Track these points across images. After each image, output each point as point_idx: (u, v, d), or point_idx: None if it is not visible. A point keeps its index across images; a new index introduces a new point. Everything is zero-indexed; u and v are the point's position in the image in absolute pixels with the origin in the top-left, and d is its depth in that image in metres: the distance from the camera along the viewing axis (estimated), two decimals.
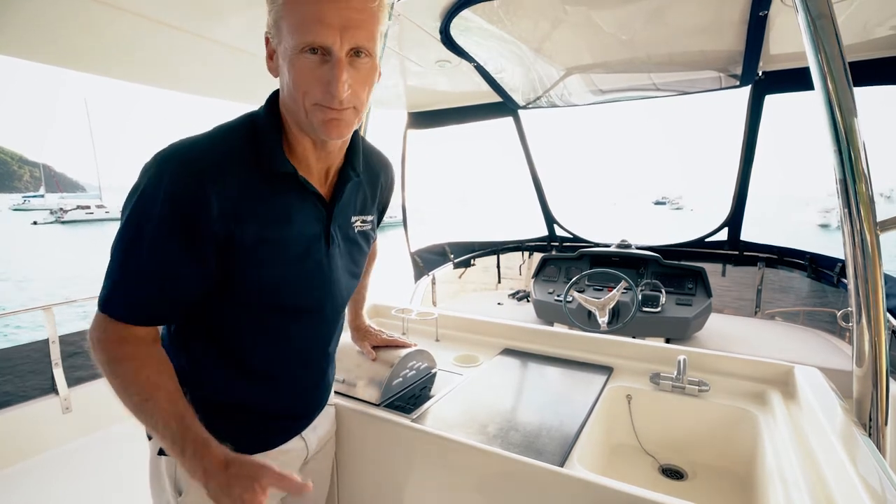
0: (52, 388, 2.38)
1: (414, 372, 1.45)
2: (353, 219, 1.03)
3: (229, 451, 0.80)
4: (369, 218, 1.08)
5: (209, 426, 0.84)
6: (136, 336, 0.85)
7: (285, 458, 1.06)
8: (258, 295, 0.90)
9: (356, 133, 0.96)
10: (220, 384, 0.96)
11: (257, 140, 0.86)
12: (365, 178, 1.05)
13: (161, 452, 0.95)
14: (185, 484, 0.94)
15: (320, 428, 1.18)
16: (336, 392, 1.39)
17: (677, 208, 77.17)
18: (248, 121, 0.88)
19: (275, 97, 0.90)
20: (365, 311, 1.46)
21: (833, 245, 3.52)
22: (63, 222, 41.90)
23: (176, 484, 0.95)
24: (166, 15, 2.05)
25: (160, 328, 0.92)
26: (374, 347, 1.41)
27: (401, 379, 1.39)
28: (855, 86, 1.19)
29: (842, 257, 1.24)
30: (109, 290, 0.83)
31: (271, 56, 0.84)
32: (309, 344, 1.04)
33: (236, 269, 0.86)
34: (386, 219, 1.25)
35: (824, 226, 38.24)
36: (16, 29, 2.04)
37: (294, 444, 1.08)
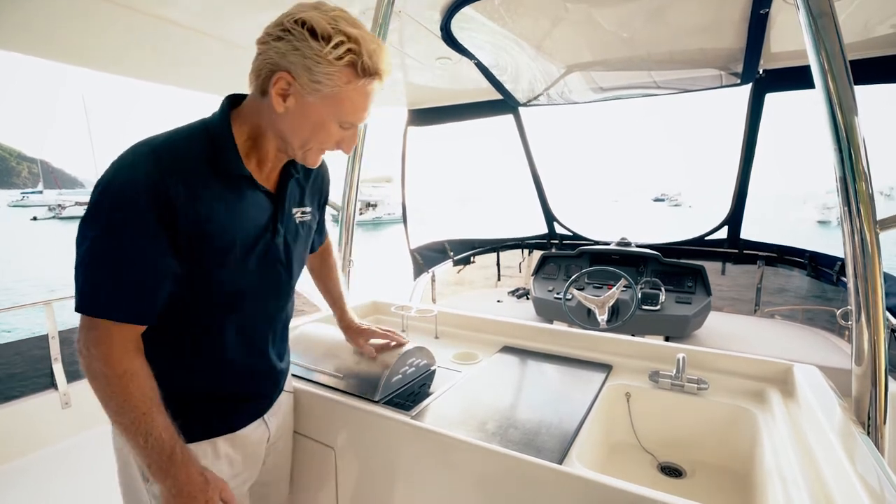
0: (52, 384, 2.38)
1: (413, 369, 1.46)
2: (294, 210, 1.13)
3: (204, 469, 0.93)
4: (308, 209, 1.18)
5: (173, 414, 0.92)
6: (137, 344, 0.90)
7: (250, 440, 1.14)
8: (216, 285, 0.97)
9: None
10: (179, 372, 1.01)
11: (215, 146, 0.94)
12: (301, 175, 1.16)
13: None
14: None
15: (280, 413, 1.25)
16: (335, 389, 1.39)
17: (676, 205, 77.99)
18: (203, 127, 0.96)
19: (227, 107, 0.99)
20: (350, 309, 1.50)
21: (830, 243, 3.52)
22: (61, 218, 42.04)
23: (143, 471, 0.97)
24: (168, 11, 2.05)
25: None
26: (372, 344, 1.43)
27: (400, 376, 1.40)
28: (855, 84, 1.19)
29: (841, 255, 1.25)
30: (105, 293, 0.85)
31: (285, 96, 0.92)
32: (262, 327, 1.12)
33: (198, 261, 0.92)
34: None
35: (823, 222, 38.21)
36: (16, 24, 2.04)
37: (257, 426, 1.16)
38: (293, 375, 1.48)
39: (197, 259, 0.92)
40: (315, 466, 1.43)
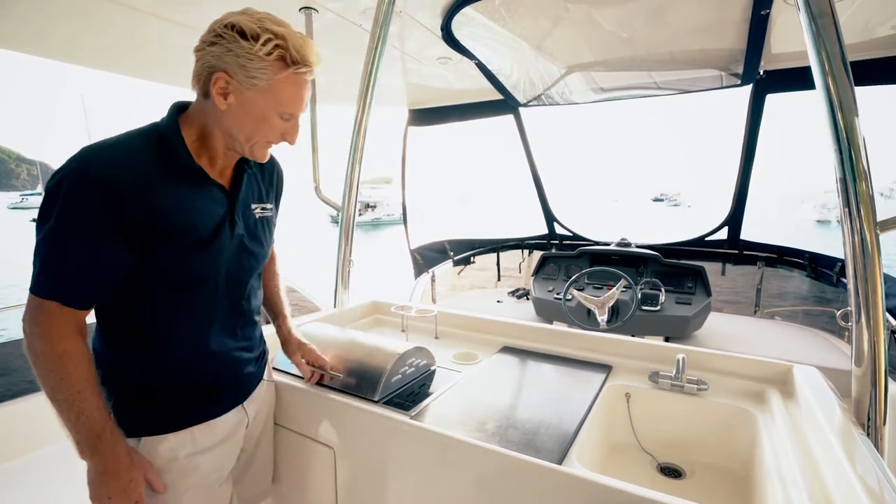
0: None
1: (413, 369, 1.46)
2: (254, 206, 1.19)
3: (132, 450, 1.01)
4: (268, 206, 1.24)
5: (147, 403, 1.04)
6: (79, 327, 0.96)
7: (228, 426, 1.18)
8: (172, 273, 1.02)
9: None
10: (147, 364, 1.06)
11: (165, 145, 1.01)
12: (259, 172, 1.23)
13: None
14: None
15: (258, 400, 1.29)
16: (334, 388, 1.39)
17: (675, 205, 78.84)
18: (153, 129, 1.03)
19: (175, 111, 1.06)
20: (290, 321, 1.46)
21: (829, 243, 3.52)
22: None
23: (75, 449, 1.03)
24: (169, 11, 2.05)
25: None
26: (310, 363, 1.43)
27: (399, 376, 1.39)
28: (856, 85, 1.19)
29: (841, 256, 1.25)
30: (53, 277, 0.92)
31: (225, 94, 0.99)
32: (226, 318, 1.16)
33: (151, 249, 0.97)
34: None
35: (822, 221, 38.20)
36: (14, 22, 2.04)
37: (235, 413, 1.20)
38: (292, 374, 1.48)
39: (150, 247, 0.97)
40: (314, 466, 1.43)
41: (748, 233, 3.74)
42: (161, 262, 1.00)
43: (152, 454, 1.06)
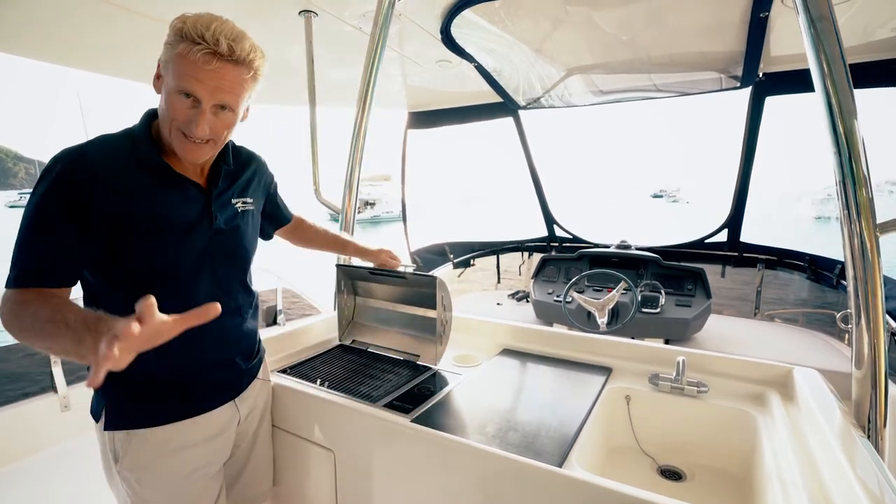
0: (51, 386, 2.37)
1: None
2: (234, 201, 1.22)
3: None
4: (249, 200, 1.27)
5: (133, 397, 1.08)
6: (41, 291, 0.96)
7: (218, 421, 1.21)
8: (145, 263, 1.05)
9: None
10: (136, 359, 1.01)
11: (135, 144, 1.07)
12: (237, 168, 1.26)
13: (106, 427, 1.09)
14: (120, 454, 1.09)
15: (251, 398, 1.32)
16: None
17: (674, 201, 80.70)
18: (127, 132, 1.09)
19: (148, 114, 1.11)
20: (355, 240, 1.72)
21: (822, 240, 3.52)
22: None
23: (115, 454, 1.10)
24: (167, 14, 2.05)
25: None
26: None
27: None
28: (855, 88, 1.19)
29: (841, 258, 1.24)
30: (23, 264, 0.96)
31: (158, 78, 1.05)
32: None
33: (120, 239, 1.02)
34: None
35: (820, 218, 38.23)
36: (12, 25, 2.04)
37: (227, 408, 1.23)
38: (291, 376, 1.47)
39: (119, 239, 1.01)
40: (314, 469, 1.43)
41: (747, 232, 3.75)
42: (131, 254, 1.04)
43: (139, 446, 1.09)
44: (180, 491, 1.15)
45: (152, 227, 1.05)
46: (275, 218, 1.50)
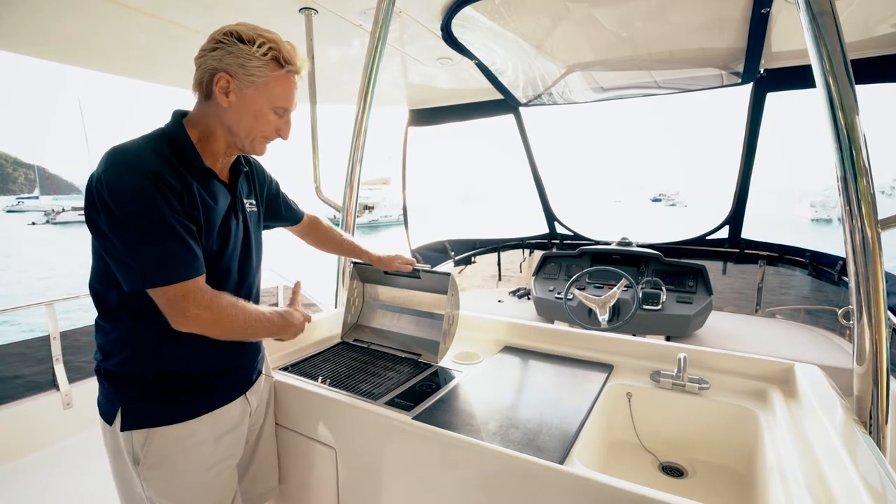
0: (53, 384, 2.38)
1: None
2: (245, 202, 1.29)
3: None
4: (253, 201, 1.33)
5: (155, 396, 1.10)
6: (204, 285, 1.06)
7: (232, 415, 1.23)
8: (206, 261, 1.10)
9: None
10: (165, 350, 1.11)
11: (175, 147, 1.09)
12: (248, 171, 1.33)
13: (123, 428, 1.09)
14: (140, 455, 1.10)
15: (258, 391, 1.35)
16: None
17: (672, 204, 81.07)
18: (162, 135, 1.10)
19: (179, 116, 1.14)
20: (368, 248, 1.75)
21: (819, 240, 3.53)
22: (55, 223, 42.97)
23: (134, 455, 1.10)
24: (168, 12, 2.05)
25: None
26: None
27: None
28: (856, 83, 1.19)
29: (842, 254, 1.24)
30: (172, 262, 1.00)
31: (227, 93, 1.09)
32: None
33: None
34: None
35: (820, 220, 38.23)
36: (11, 23, 2.04)
37: (239, 402, 1.26)
38: (293, 373, 1.48)
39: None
40: (316, 467, 1.43)
41: (746, 230, 3.74)
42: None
43: (161, 444, 1.10)
44: (204, 485, 1.18)
45: (199, 225, 1.08)
46: (283, 217, 1.53)
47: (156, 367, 1.11)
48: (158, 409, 1.11)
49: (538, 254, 4.28)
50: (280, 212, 1.50)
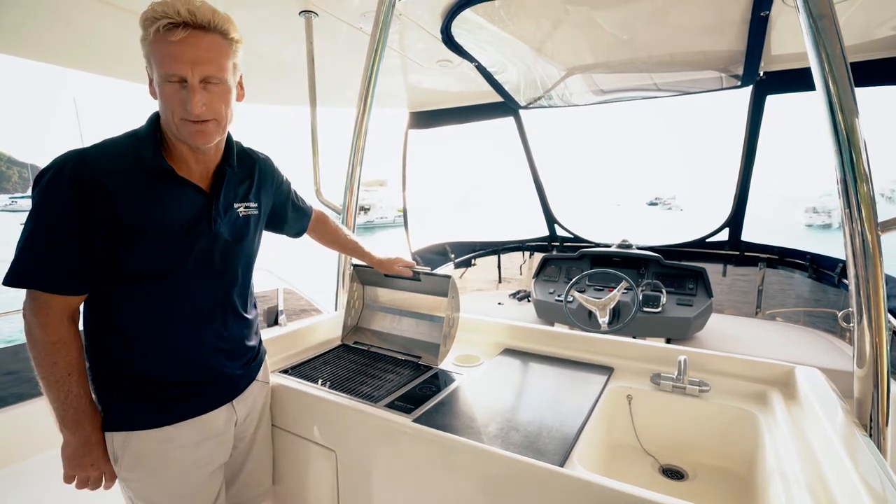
0: None
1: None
2: (237, 206, 1.23)
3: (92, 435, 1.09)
4: (252, 204, 1.27)
5: (129, 400, 1.10)
6: (72, 315, 1.05)
7: (215, 423, 1.21)
8: (144, 263, 1.07)
9: (230, 137, 1.20)
10: (135, 357, 1.11)
11: (139, 147, 1.07)
12: (242, 173, 1.26)
13: (104, 428, 1.11)
14: (118, 453, 1.12)
15: (249, 400, 1.32)
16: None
17: (668, 208, 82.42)
18: (132, 134, 1.10)
19: (156, 116, 1.11)
20: (370, 251, 1.74)
21: (814, 244, 3.54)
22: None
23: (114, 455, 1.12)
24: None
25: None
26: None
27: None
28: (856, 86, 1.19)
29: (842, 257, 1.25)
30: (34, 268, 0.99)
31: (151, 83, 1.05)
32: (209, 314, 1.19)
33: (123, 245, 1.04)
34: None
35: (820, 226, 38.31)
36: (11, 26, 2.04)
37: (224, 410, 1.23)
38: (293, 376, 1.47)
39: (118, 239, 1.03)
40: (316, 470, 1.43)
41: (751, 232, 3.75)
42: (130, 255, 1.05)
43: (138, 447, 1.11)
44: (180, 490, 1.17)
45: (150, 230, 1.06)
46: (288, 222, 1.50)
47: (135, 371, 1.11)
48: (137, 412, 1.12)
49: (538, 256, 4.27)
50: (285, 217, 1.47)
